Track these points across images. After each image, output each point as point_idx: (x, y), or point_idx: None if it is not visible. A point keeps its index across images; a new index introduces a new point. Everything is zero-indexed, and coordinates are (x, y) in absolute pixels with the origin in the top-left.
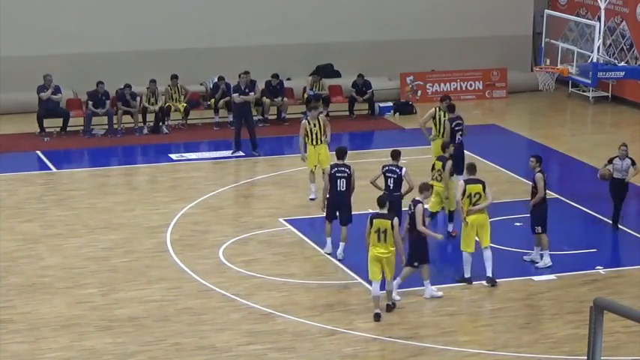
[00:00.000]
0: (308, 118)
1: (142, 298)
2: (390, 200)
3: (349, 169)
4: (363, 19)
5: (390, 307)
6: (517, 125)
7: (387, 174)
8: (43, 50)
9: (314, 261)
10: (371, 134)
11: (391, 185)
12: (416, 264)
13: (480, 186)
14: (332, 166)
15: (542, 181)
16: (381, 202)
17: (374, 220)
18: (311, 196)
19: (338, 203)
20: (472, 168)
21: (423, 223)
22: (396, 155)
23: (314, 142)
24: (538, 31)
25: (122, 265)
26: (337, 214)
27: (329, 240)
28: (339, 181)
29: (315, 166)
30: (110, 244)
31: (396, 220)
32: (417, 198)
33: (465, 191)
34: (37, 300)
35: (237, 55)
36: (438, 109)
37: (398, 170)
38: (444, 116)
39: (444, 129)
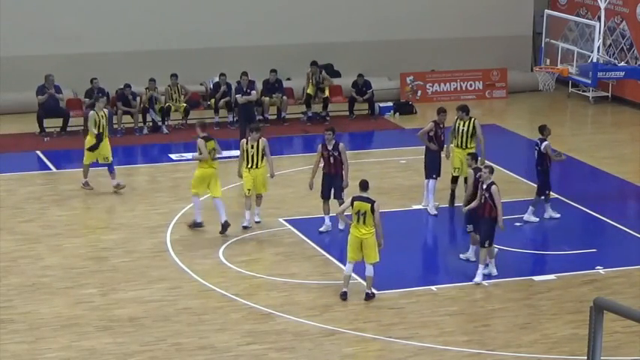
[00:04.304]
0: (249, 138)
1: (142, 298)
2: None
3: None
4: (363, 19)
5: (369, 296)
6: (517, 125)
7: (536, 147)
8: (43, 50)
9: (314, 261)
10: (371, 134)
11: (536, 156)
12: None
13: None
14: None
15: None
16: (362, 186)
17: (354, 202)
18: (244, 224)
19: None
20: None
21: None
22: (542, 129)
23: (249, 166)
24: (538, 31)
25: (122, 265)
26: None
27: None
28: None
29: (249, 190)
30: (110, 244)
31: (376, 204)
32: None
33: None
34: (37, 300)
35: (237, 55)
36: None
37: (539, 142)
38: (463, 125)
39: (464, 137)
